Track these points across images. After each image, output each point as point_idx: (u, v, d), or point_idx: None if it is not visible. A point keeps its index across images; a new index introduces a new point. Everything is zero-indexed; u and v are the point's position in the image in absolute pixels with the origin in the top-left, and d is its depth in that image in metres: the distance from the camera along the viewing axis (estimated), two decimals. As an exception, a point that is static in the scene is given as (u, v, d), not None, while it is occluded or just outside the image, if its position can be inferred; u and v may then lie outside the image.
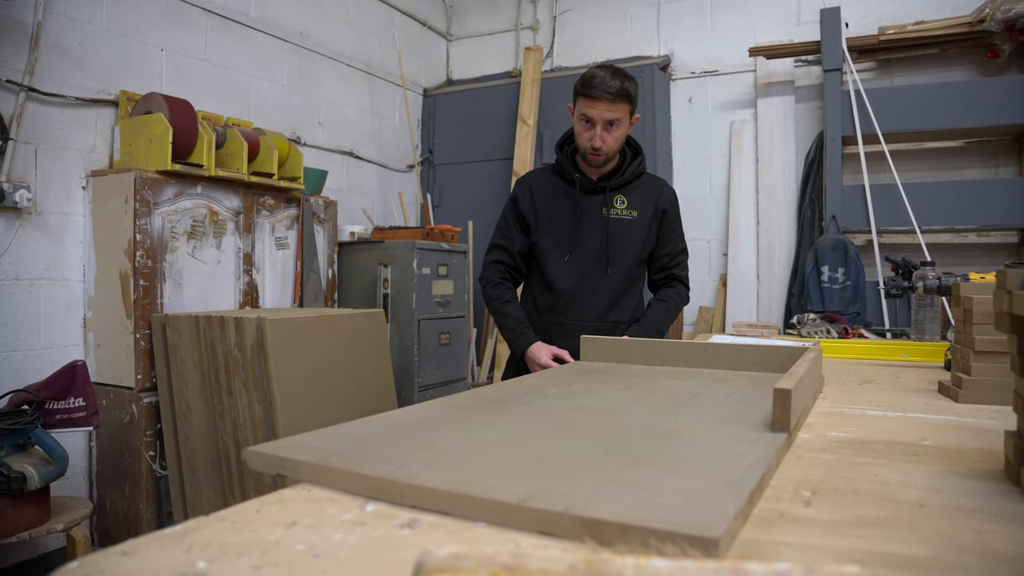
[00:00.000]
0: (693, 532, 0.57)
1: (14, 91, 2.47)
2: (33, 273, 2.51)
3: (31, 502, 2.05)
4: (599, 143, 1.86)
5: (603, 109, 1.83)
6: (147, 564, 0.55)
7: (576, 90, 1.87)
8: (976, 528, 0.66)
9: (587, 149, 1.89)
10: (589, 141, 1.87)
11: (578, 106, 1.88)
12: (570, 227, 1.96)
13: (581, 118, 1.87)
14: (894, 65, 3.76)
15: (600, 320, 1.99)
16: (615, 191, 1.98)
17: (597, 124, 1.85)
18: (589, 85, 1.83)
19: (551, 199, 1.97)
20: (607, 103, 1.83)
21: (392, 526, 0.65)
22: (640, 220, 2.00)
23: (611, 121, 1.85)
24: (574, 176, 1.96)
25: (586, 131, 1.87)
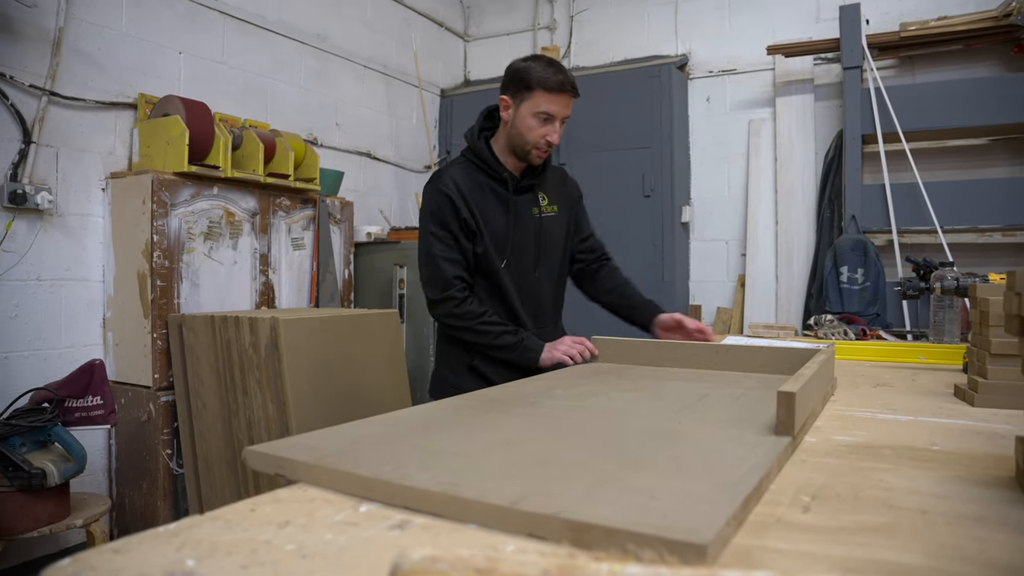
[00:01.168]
0: (681, 538, 0.56)
1: (36, 95, 2.52)
2: (54, 273, 2.56)
3: (51, 498, 2.09)
4: (557, 139, 1.75)
5: (565, 104, 1.73)
6: (137, 562, 0.56)
7: (528, 83, 1.70)
8: (978, 537, 0.64)
9: (539, 146, 1.74)
10: (545, 137, 1.73)
11: (534, 101, 1.70)
12: (505, 230, 1.78)
13: (539, 115, 1.71)
14: (916, 62, 3.70)
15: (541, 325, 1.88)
16: (538, 188, 1.87)
17: (557, 120, 1.73)
18: (553, 80, 1.69)
19: (481, 200, 1.77)
20: (570, 97, 1.73)
21: (383, 527, 0.65)
22: (560, 216, 1.90)
23: (565, 119, 1.76)
24: (504, 175, 1.79)
25: (542, 126, 1.72)
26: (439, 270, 1.72)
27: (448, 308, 1.72)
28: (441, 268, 1.72)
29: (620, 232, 4.13)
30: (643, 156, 4.13)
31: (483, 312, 1.72)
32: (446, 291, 1.72)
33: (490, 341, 1.71)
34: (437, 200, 1.75)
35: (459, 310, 1.71)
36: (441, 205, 1.73)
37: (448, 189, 1.74)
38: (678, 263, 4.15)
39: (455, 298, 1.72)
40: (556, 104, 1.71)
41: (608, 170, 4.21)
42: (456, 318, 1.72)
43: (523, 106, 1.72)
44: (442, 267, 1.72)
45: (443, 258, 1.72)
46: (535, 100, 1.70)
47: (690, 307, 4.30)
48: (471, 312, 1.71)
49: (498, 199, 1.79)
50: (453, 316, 1.73)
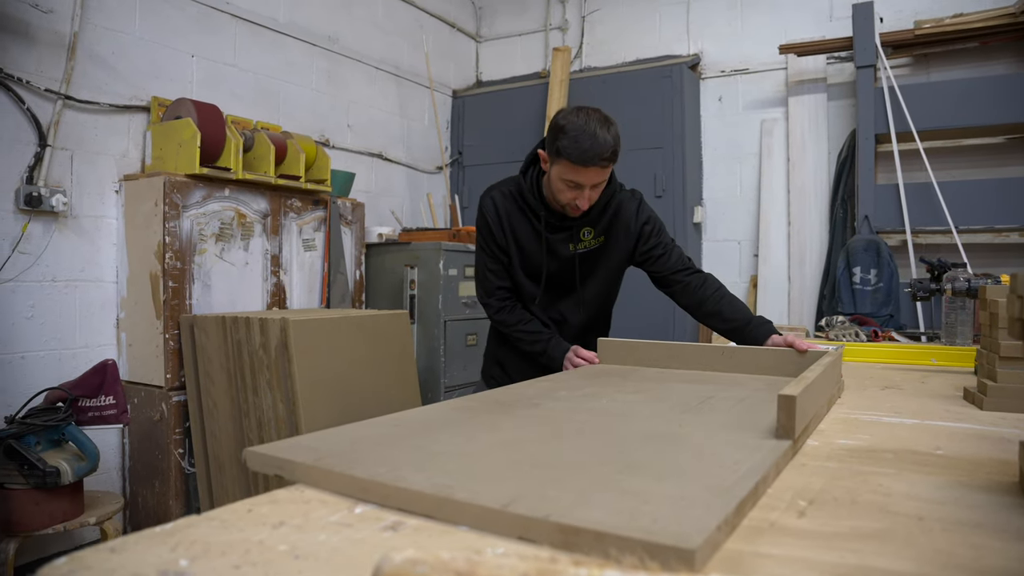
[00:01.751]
0: (669, 543, 0.56)
1: (52, 99, 2.56)
2: (69, 274, 2.60)
3: (65, 496, 2.12)
4: (586, 205, 1.70)
5: (594, 176, 1.64)
6: (132, 561, 0.57)
7: (557, 148, 1.64)
8: (975, 543, 0.63)
9: (572, 207, 1.72)
10: (573, 201, 1.69)
11: (562, 168, 1.65)
12: (539, 263, 1.84)
13: (567, 182, 1.66)
14: (931, 60, 3.65)
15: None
16: (582, 224, 1.83)
17: (585, 188, 1.67)
18: (576, 149, 1.60)
19: (519, 229, 1.82)
20: (599, 170, 1.64)
21: (376, 528, 0.66)
22: (608, 244, 1.86)
23: (596, 185, 1.68)
24: (540, 212, 1.80)
25: (570, 191, 1.68)
26: (484, 279, 1.90)
27: (490, 313, 1.91)
28: (486, 278, 1.89)
29: (631, 233, 4.12)
30: (655, 156, 4.11)
31: (517, 321, 1.86)
32: (488, 299, 1.90)
33: (523, 348, 1.88)
34: (480, 218, 1.88)
35: (498, 317, 1.89)
36: (482, 225, 1.88)
37: (488, 211, 1.85)
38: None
39: (493, 306, 1.89)
40: (582, 176, 1.63)
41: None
42: (497, 323, 1.92)
43: (554, 168, 1.69)
44: (487, 277, 1.88)
45: (488, 269, 1.88)
46: (562, 167, 1.65)
47: (702, 308, 4.28)
48: (506, 320, 1.88)
49: (532, 231, 1.84)
50: (494, 320, 1.92)
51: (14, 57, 2.47)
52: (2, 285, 2.42)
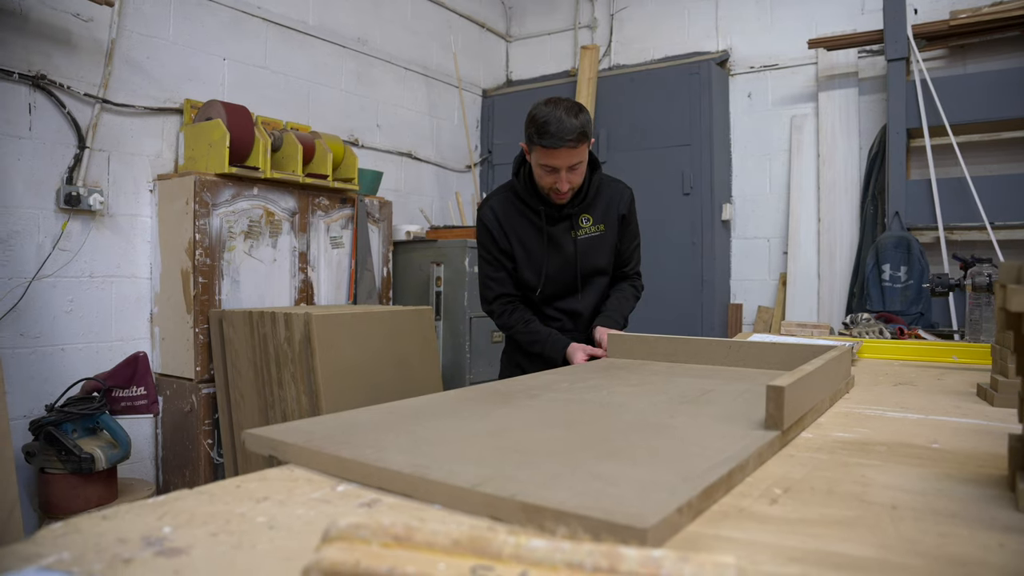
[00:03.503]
0: (623, 522, 0.58)
1: (91, 103, 2.67)
2: (105, 271, 2.71)
3: (99, 481, 2.22)
4: (565, 187, 1.82)
5: (564, 157, 1.76)
6: (119, 527, 0.61)
7: (530, 136, 1.79)
8: (942, 532, 0.63)
9: (553, 192, 1.85)
10: (553, 185, 1.82)
11: (538, 154, 1.79)
12: (541, 256, 1.93)
13: (542, 167, 1.80)
14: (968, 51, 3.55)
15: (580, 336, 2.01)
16: (581, 212, 1.95)
17: (561, 170, 1.79)
18: (545, 134, 1.73)
19: (519, 228, 1.92)
20: (568, 151, 1.75)
21: (353, 505, 0.69)
22: (607, 232, 1.98)
23: (574, 164, 1.80)
24: (540, 208, 1.91)
25: (548, 175, 1.81)
26: (485, 288, 1.98)
27: (494, 319, 2.00)
28: (487, 286, 1.97)
29: (659, 230, 4.10)
30: (683, 154, 4.09)
31: (518, 322, 1.94)
32: (490, 306, 1.98)
33: (526, 342, 1.95)
34: (480, 229, 1.98)
35: (500, 321, 1.97)
36: (482, 234, 1.96)
37: (487, 220, 1.94)
38: (718, 261, 4.09)
39: (495, 312, 1.97)
40: (556, 159, 1.77)
41: (648, 168, 4.18)
42: (501, 327, 2.00)
43: (532, 156, 1.84)
44: (488, 285, 1.97)
45: (489, 277, 1.97)
46: (537, 153, 1.80)
47: (731, 306, 4.24)
48: (508, 323, 1.96)
49: (534, 227, 1.93)
50: (499, 325, 2.01)
51: (56, 64, 2.59)
52: (43, 280, 2.53)
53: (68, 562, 0.54)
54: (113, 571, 0.52)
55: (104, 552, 0.56)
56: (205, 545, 0.57)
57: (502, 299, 1.96)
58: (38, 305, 2.52)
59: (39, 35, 2.54)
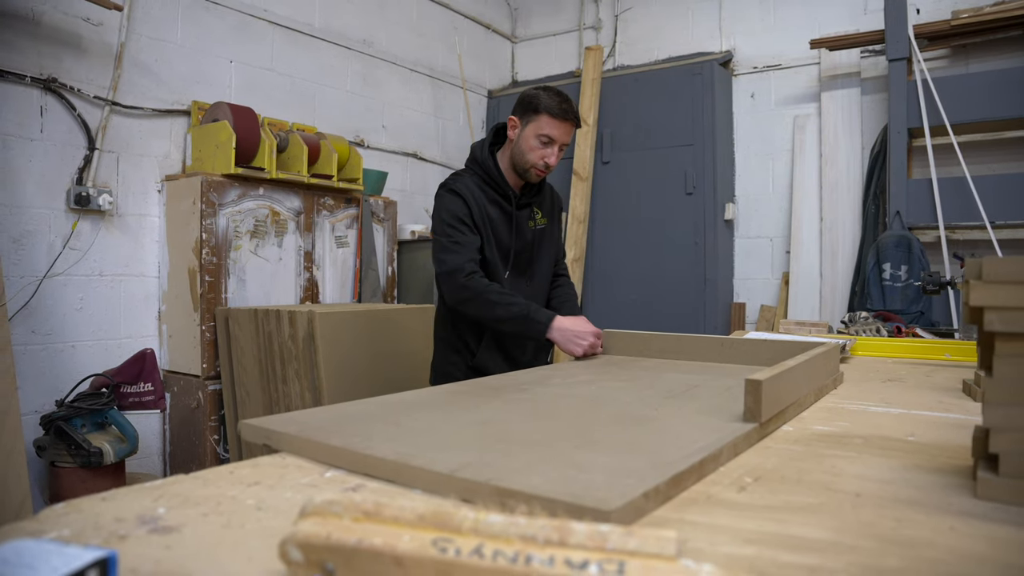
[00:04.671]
0: (589, 504, 0.61)
1: (100, 105, 2.73)
2: (114, 269, 2.77)
3: (108, 475, 2.27)
4: (554, 162, 1.89)
5: (566, 132, 1.86)
6: (117, 507, 0.65)
7: (536, 107, 1.85)
8: (899, 517, 0.66)
9: (538, 166, 1.88)
10: (543, 159, 1.87)
11: (539, 124, 1.85)
12: (508, 241, 1.95)
13: (541, 137, 1.85)
14: (971, 51, 3.55)
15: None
16: (534, 204, 2.03)
17: (556, 144, 1.87)
18: (558, 107, 1.83)
19: (489, 211, 1.92)
20: (572, 126, 1.87)
21: (339, 489, 0.73)
22: (549, 227, 2.07)
23: (565, 145, 1.90)
24: (509, 192, 1.94)
25: (542, 148, 1.86)
26: (453, 254, 1.80)
27: (459, 280, 1.78)
28: (456, 252, 1.81)
29: (662, 230, 4.13)
30: (686, 153, 4.11)
31: (492, 289, 1.77)
32: (459, 268, 1.79)
33: (497, 313, 1.75)
34: (453, 200, 1.87)
35: (470, 282, 1.77)
36: (457, 204, 1.86)
37: (464, 193, 1.88)
38: (721, 260, 4.11)
39: (464, 270, 1.78)
40: (558, 130, 1.85)
41: (651, 168, 4.20)
42: (465, 289, 1.77)
43: (528, 127, 1.87)
44: (457, 251, 1.81)
45: (457, 242, 1.82)
46: (540, 123, 1.85)
47: (734, 305, 4.25)
48: (480, 284, 1.78)
49: (502, 212, 1.94)
50: (463, 288, 1.78)
51: (67, 67, 2.65)
52: (54, 279, 2.59)
53: (67, 537, 0.58)
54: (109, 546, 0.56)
55: (102, 529, 0.60)
56: (196, 524, 0.61)
57: (473, 264, 1.81)
58: (49, 303, 2.58)
59: (50, 39, 2.60)
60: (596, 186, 4.38)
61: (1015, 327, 0.71)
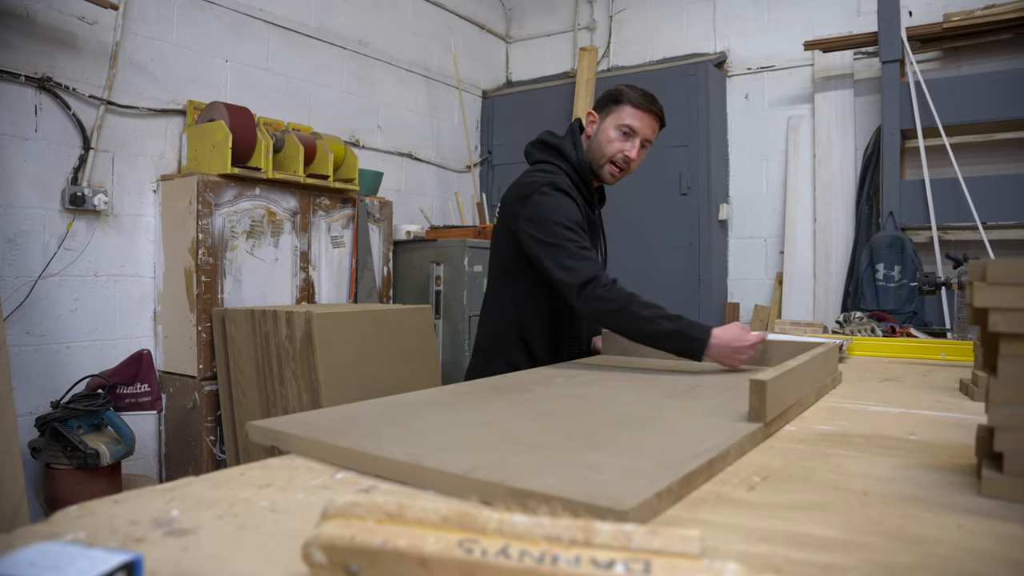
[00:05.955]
0: (605, 504, 0.62)
1: (95, 105, 2.71)
2: (110, 270, 2.75)
3: (104, 477, 2.26)
4: (634, 155, 1.75)
5: (648, 124, 1.75)
6: (131, 510, 0.65)
7: (617, 98, 1.75)
8: (906, 515, 0.67)
9: (617, 160, 1.75)
10: (622, 152, 1.74)
11: (618, 113, 1.75)
12: (599, 250, 1.86)
13: (621, 127, 1.74)
14: (962, 53, 3.58)
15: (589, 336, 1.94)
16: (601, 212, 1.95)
17: (638, 137, 1.74)
18: (641, 97, 1.74)
19: (584, 213, 1.76)
20: (654, 119, 1.76)
21: (351, 491, 0.73)
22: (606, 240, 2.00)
23: (648, 141, 1.77)
24: (594, 197, 1.85)
25: (623, 140, 1.74)
26: (585, 261, 1.59)
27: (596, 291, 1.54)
28: (587, 259, 1.59)
29: (657, 230, 4.14)
30: (680, 154, 4.12)
31: (632, 294, 1.54)
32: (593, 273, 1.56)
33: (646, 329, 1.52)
34: (566, 202, 1.68)
35: (609, 292, 1.54)
36: (571, 207, 1.68)
37: (573, 194, 1.72)
38: (715, 261, 4.13)
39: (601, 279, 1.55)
40: (639, 121, 1.73)
41: (645, 168, 4.17)
42: (606, 301, 1.53)
43: (608, 119, 1.76)
44: (588, 257, 1.60)
45: (586, 249, 1.62)
46: (620, 113, 1.74)
47: (728, 305, 4.28)
48: (622, 294, 1.53)
49: (589, 220, 1.77)
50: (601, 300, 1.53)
51: (62, 67, 2.63)
52: (49, 279, 2.58)
53: (83, 540, 0.58)
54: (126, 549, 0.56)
55: (117, 532, 0.60)
56: (212, 526, 0.61)
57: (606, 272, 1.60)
58: (44, 303, 2.56)
59: (45, 38, 2.58)
60: (591, 186, 4.39)
61: (1019, 328, 0.72)
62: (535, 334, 1.77)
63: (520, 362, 1.74)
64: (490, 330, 1.84)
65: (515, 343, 1.78)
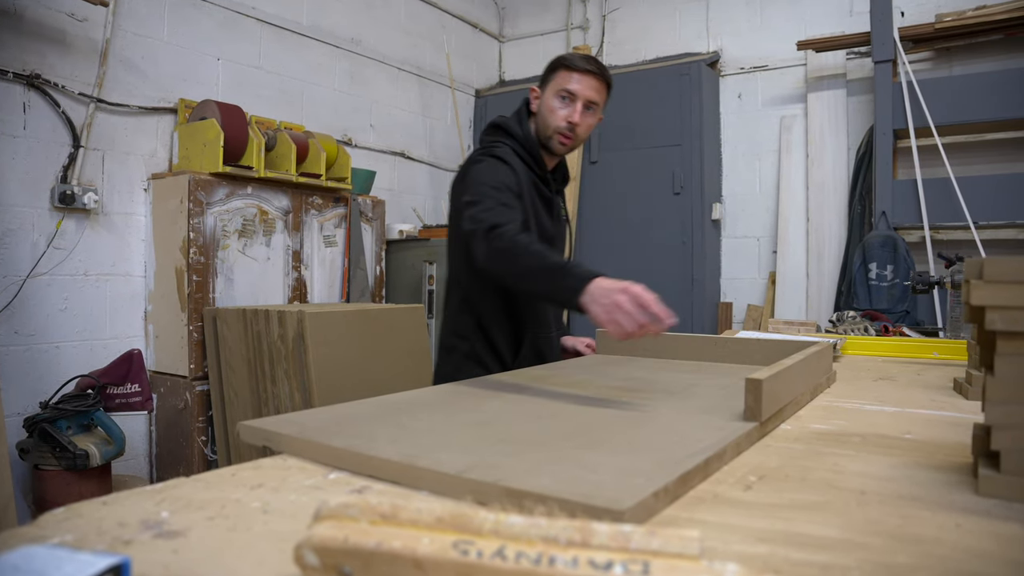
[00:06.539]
0: (601, 504, 0.61)
1: (85, 102, 2.69)
2: (100, 269, 2.73)
3: (94, 478, 2.23)
4: (577, 119, 1.64)
5: (588, 86, 1.63)
6: (119, 512, 0.63)
7: (553, 65, 1.67)
8: (905, 514, 0.67)
9: (561, 128, 1.64)
10: (566, 118, 1.64)
11: (556, 80, 1.65)
12: (551, 230, 1.73)
13: (559, 93, 1.64)
14: (954, 54, 3.60)
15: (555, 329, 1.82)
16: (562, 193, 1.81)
17: (578, 100, 1.64)
18: (574, 59, 1.64)
19: (531, 192, 1.67)
20: (594, 79, 1.64)
21: (344, 491, 0.72)
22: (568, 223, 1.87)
23: (591, 103, 1.65)
24: (548, 175, 1.73)
25: (563, 107, 1.64)
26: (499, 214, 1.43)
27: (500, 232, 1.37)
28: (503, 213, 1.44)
29: (650, 230, 4.14)
30: (673, 153, 4.12)
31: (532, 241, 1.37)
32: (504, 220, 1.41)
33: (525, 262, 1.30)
34: (500, 168, 1.59)
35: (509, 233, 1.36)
36: (505, 173, 1.58)
37: (512, 163, 1.62)
38: (708, 260, 4.13)
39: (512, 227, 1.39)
40: (578, 83, 1.63)
41: (639, 168, 4.22)
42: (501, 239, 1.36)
43: (548, 89, 1.67)
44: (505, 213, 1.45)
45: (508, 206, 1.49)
46: (557, 80, 1.65)
47: (721, 305, 4.28)
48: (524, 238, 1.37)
49: (541, 198, 1.71)
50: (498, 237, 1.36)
51: (51, 63, 2.60)
52: (38, 279, 2.55)
53: (70, 543, 0.57)
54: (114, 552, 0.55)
55: (105, 534, 0.58)
56: (202, 528, 0.60)
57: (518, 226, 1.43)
58: (33, 303, 2.54)
59: (34, 34, 2.56)
60: (584, 186, 4.39)
61: (1016, 326, 0.71)
62: (495, 323, 1.68)
63: (484, 356, 1.67)
64: (450, 325, 1.75)
65: (475, 334, 1.69)
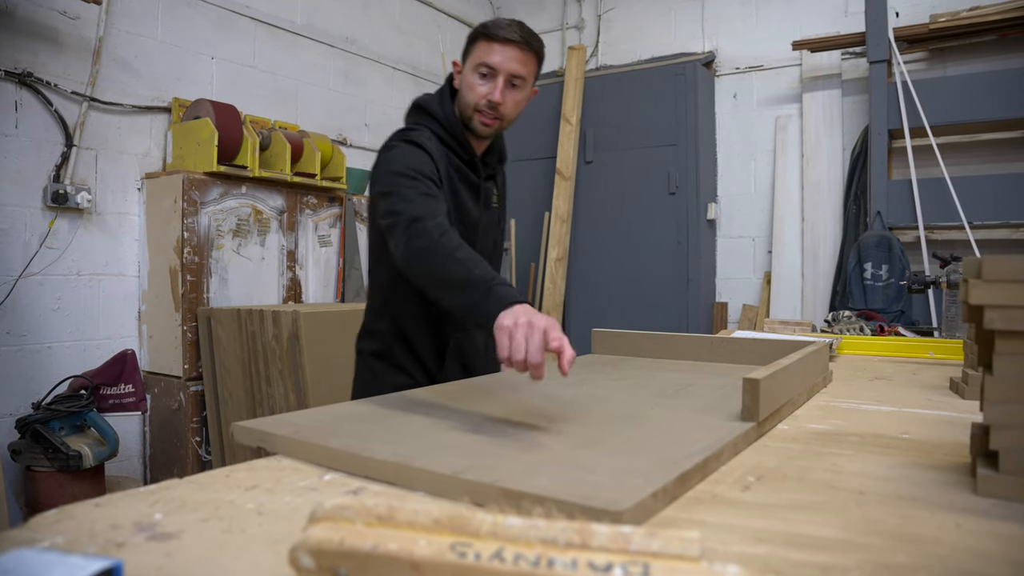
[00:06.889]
0: (599, 505, 0.60)
1: (78, 101, 2.67)
2: (93, 269, 2.71)
3: (87, 479, 2.22)
4: (499, 97, 1.43)
5: (510, 57, 1.41)
6: (112, 514, 0.63)
7: (472, 37, 1.46)
8: (904, 514, 0.66)
9: (481, 107, 1.44)
10: (486, 96, 1.43)
11: (475, 53, 1.44)
12: (476, 218, 1.55)
13: (478, 68, 1.43)
14: (948, 54, 3.61)
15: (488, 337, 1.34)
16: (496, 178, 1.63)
17: (500, 75, 1.42)
18: (495, 27, 1.42)
19: (454, 178, 1.50)
20: (517, 50, 1.42)
21: (340, 492, 0.71)
22: (502, 210, 1.69)
23: (517, 77, 1.44)
24: (475, 159, 1.53)
25: (483, 84, 1.43)
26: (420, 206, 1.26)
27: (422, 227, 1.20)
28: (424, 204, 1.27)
29: (645, 229, 4.14)
30: (669, 153, 4.13)
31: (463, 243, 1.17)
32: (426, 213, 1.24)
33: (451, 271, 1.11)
34: (414, 153, 1.40)
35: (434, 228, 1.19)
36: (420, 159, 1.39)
37: (428, 147, 1.43)
38: (703, 260, 4.14)
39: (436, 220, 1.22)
40: (498, 55, 1.41)
41: (634, 168, 4.22)
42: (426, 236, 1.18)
43: (468, 63, 1.48)
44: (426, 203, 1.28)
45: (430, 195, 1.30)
46: (478, 52, 1.44)
47: (716, 304, 4.28)
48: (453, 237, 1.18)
49: (467, 184, 1.53)
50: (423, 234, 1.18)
51: (43, 62, 2.58)
52: (30, 279, 2.53)
53: (62, 546, 0.56)
54: (106, 554, 0.54)
55: (97, 537, 0.58)
56: (196, 530, 0.59)
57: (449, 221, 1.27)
58: (25, 303, 2.52)
59: (25, 33, 2.54)
60: (579, 186, 4.39)
61: (1015, 325, 0.71)
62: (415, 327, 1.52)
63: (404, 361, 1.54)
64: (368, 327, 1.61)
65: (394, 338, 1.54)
